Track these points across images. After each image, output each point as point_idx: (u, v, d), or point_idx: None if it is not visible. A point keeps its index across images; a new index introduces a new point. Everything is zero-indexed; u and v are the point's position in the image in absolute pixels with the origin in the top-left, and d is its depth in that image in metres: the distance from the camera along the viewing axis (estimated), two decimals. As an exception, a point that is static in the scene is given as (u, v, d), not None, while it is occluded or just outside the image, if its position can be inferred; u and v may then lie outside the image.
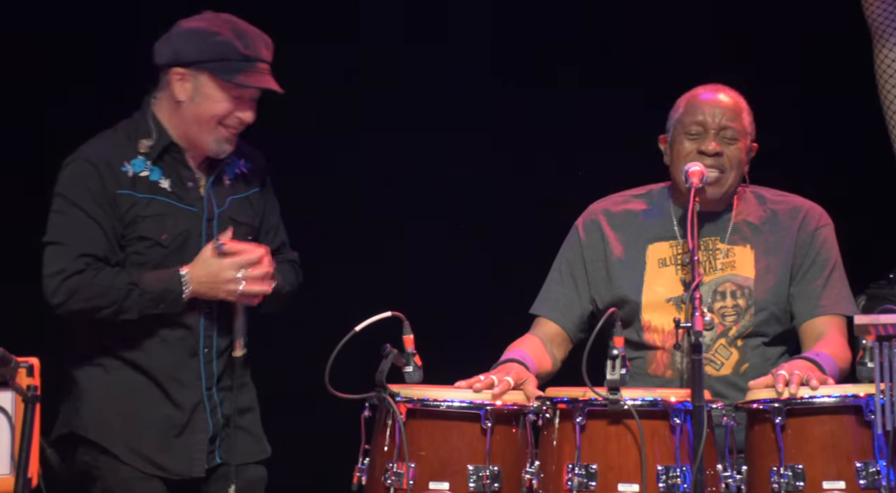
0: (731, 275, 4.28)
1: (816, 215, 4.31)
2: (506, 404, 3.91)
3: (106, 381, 4.05)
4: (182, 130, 4.10)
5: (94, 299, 3.97)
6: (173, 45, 4.09)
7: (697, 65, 5.04)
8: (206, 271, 4.03)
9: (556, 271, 4.36)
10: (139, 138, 4.08)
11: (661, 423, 3.82)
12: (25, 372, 3.71)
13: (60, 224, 4.00)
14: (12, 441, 3.72)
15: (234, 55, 4.06)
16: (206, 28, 4.08)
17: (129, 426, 4.04)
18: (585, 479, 3.81)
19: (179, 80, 4.08)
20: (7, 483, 3.68)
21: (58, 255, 3.98)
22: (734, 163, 4.24)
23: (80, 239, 3.98)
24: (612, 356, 3.81)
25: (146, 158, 4.08)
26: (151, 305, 4.00)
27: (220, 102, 4.07)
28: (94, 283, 3.97)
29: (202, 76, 4.07)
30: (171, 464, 4.05)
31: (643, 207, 4.37)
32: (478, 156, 5.40)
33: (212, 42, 4.06)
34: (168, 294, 4.01)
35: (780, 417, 3.84)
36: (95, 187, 4.02)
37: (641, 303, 4.27)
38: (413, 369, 3.94)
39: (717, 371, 4.24)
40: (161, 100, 4.13)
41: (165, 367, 4.06)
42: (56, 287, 3.96)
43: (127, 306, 3.98)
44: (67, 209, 4.00)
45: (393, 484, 3.86)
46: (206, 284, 4.03)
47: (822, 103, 5.30)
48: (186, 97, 4.08)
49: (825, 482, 3.82)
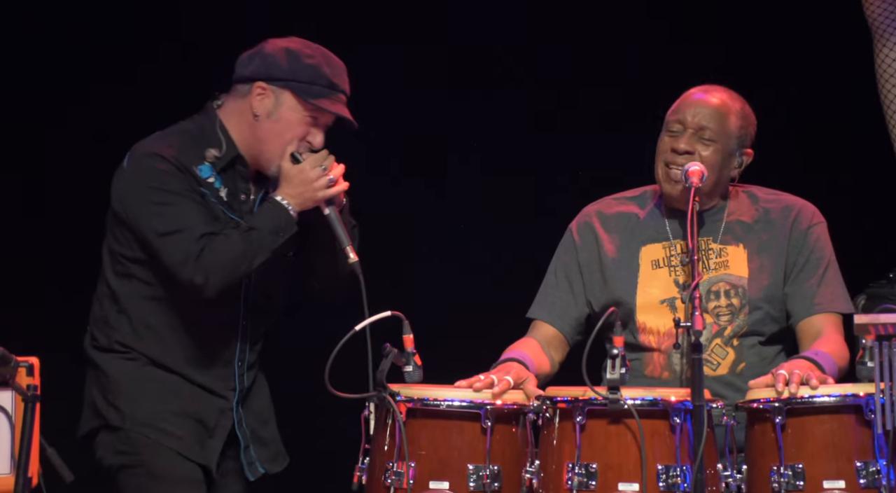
0: (724, 274, 4.28)
1: (809, 214, 4.31)
2: (506, 403, 3.91)
3: (138, 373, 4.08)
4: (250, 144, 4.15)
5: (228, 264, 4.01)
6: (264, 60, 4.13)
7: (697, 66, 5.05)
8: (294, 183, 4.09)
9: (551, 275, 4.36)
10: (207, 147, 4.12)
11: (661, 422, 3.83)
12: (25, 372, 3.72)
13: (173, 213, 4.03)
14: (12, 441, 3.73)
15: (321, 81, 4.13)
16: (299, 50, 4.15)
17: (165, 416, 4.07)
18: (585, 478, 3.81)
19: (261, 95, 4.13)
20: (7, 483, 3.68)
21: (181, 241, 4.01)
22: (706, 163, 4.21)
23: (193, 222, 4.03)
24: (612, 356, 3.81)
25: (213, 167, 4.12)
26: (274, 237, 4.05)
27: (298, 124, 4.13)
28: (219, 250, 4.01)
29: (285, 95, 4.13)
30: (195, 456, 4.08)
31: (636, 209, 4.37)
32: (478, 156, 5.40)
33: (304, 64, 4.12)
34: (280, 219, 4.07)
35: (781, 416, 3.84)
36: (186, 180, 4.07)
37: (636, 305, 4.27)
38: (413, 369, 3.94)
39: (714, 371, 4.24)
40: (230, 110, 4.16)
41: (198, 375, 4.10)
42: (192, 272, 4.00)
43: (256, 250, 4.04)
44: (173, 199, 4.04)
45: (393, 484, 3.86)
46: (300, 194, 4.10)
47: (821, 103, 5.30)
48: (264, 113, 4.13)
49: (825, 481, 3.82)
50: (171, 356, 4.09)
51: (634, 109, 5.20)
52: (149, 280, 4.09)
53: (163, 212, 4.04)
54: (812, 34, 5.28)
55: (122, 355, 4.08)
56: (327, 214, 4.13)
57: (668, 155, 4.24)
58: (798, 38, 5.30)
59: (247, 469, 4.15)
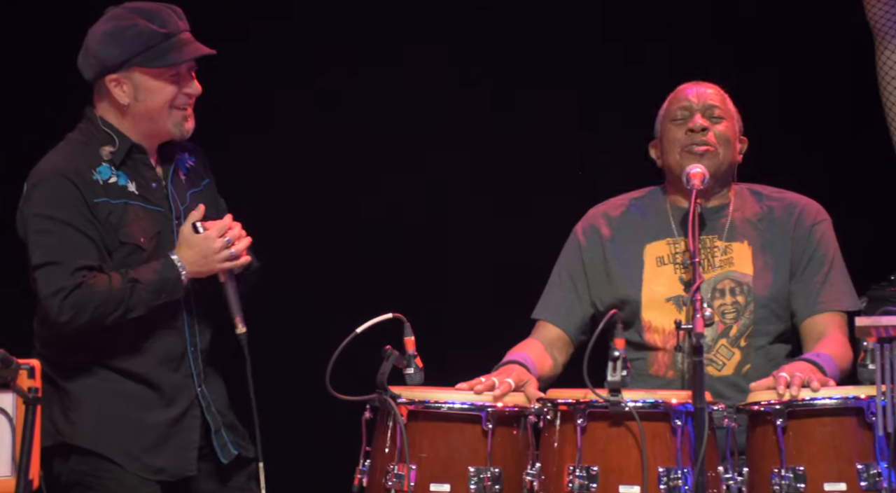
0: (729, 272, 4.28)
1: (813, 211, 4.31)
2: (507, 405, 3.91)
3: (99, 389, 4.03)
4: (139, 129, 4.08)
5: (100, 307, 3.96)
6: (95, 56, 4.06)
7: (697, 65, 5.04)
8: (195, 250, 4.03)
9: (556, 276, 4.37)
10: (99, 146, 4.06)
11: (662, 424, 3.82)
12: (27, 374, 3.71)
13: (49, 244, 3.96)
14: (13, 443, 3.72)
15: (154, 39, 4.03)
16: (117, 27, 4.05)
17: (126, 432, 4.03)
18: (586, 481, 3.81)
19: (116, 85, 4.06)
20: (8, 485, 3.68)
21: (53, 275, 3.95)
22: (722, 140, 4.24)
23: (73, 254, 3.96)
24: (613, 358, 3.81)
25: (110, 164, 4.06)
26: (154, 296, 4.00)
27: (164, 89, 4.05)
28: (95, 292, 3.96)
29: (135, 74, 4.04)
30: (169, 465, 4.04)
31: (640, 207, 4.37)
32: (479, 157, 5.39)
33: (129, 37, 4.03)
34: (167, 282, 4.01)
35: (782, 419, 3.84)
36: (75, 199, 4.00)
37: (641, 302, 4.27)
38: (414, 371, 3.94)
39: (719, 372, 4.24)
40: (104, 108, 4.10)
41: (157, 369, 4.06)
42: (59, 307, 3.94)
43: (132, 304, 3.98)
44: (53, 227, 3.97)
45: (394, 486, 3.86)
46: (199, 261, 4.03)
47: (823, 103, 5.29)
48: (130, 99, 4.06)
49: (826, 483, 3.81)
50: (128, 357, 4.03)
51: (636, 110, 5.20)
52: None
53: (41, 241, 3.96)
54: (813, 35, 5.27)
55: (84, 371, 4.03)
56: (222, 281, 4.08)
57: (683, 139, 4.23)
58: (799, 38, 5.29)
59: (220, 452, 4.09)
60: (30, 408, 3.64)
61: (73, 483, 4.02)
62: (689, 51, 5.24)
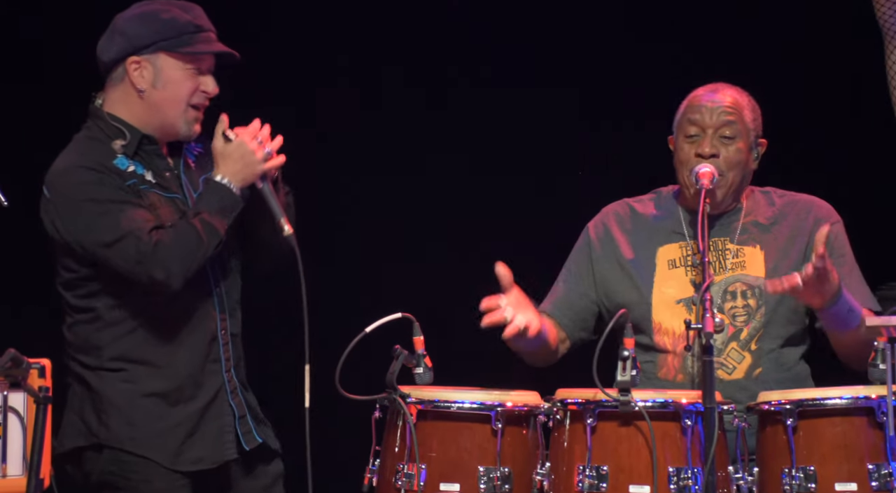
0: (741, 275, 4.27)
1: (826, 214, 4.30)
2: (516, 405, 3.91)
3: (130, 390, 4.02)
4: (150, 119, 4.07)
5: (185, 253, 3.94)
6: (124, 34, 4.04)
7: (710, 63, 5.04)
8: (234, 159, 4.02)
9: (564, 273, 4.38)
10: (110, 141, 4.05)
11: (672, 424, 3.82)
12: (37, 373, 3.72)
13: (109, 222, 3.95)
14: (24, 442, 3.73)
15: (187, 28, 4.03)
16: (152, 10, 4.06)
17: (160, 430, 4.02)
18: (596, 480, 3.80)
19: (137, 69, 4.04)
20: (20, 484, 3.69)
21: (128, 247, 3.94)
22: (732, 163, 4.23)
23: (135, 222, 3.96)
24: (623, 358, 3.80)
25: (125, 156, 4.05)
26: (222, 216, 3.99)
27: (184, 81, 4.05)
28: (172, 244, 3.95)
29: (160, 57, 4.04)
30: (206, 453, 4.03)
31: (652, 209, 4.37)
32: (486, 157, 5.40)
33: (163, 20, 4.03)
34: (224, 200, 4.00)
35: (792, 418, 3.83)
36: (110, 182, 4.00)
37: (652, 304, 4.27)
38: (423, 371, 3.93)
39: (729, 375, 4.23)
40: (113, 100, 4.08)
41: (189, 357, 4.05)
42: (148, 273, 3.93)
43: (209, 232, 3.97)
44: (104, 208, 3.96)
45: (404, 486, 3.86)
46: (241, 170, 4.02)
47: (833, 103, 5.29)
48: (147, 85, 4.05)
49: (837, 483, 3.81)
50: (160, 350, 4.02)
51: (639, 110, 5.21)
52: (115, 288, 4.01)
53: (100, 224, 3.95)
54: (821, 35, 5.27)
55: (116, 373, 4.02)
56: (260, 187, 4.05)
57: (693, 162, 4.23)
58: (808, 39, 5.29)
59: (242, 438, 4.07)
60: (41, 407, 3.65)
61: (103, 483, 4.02)
62: (690, 51, 5.24)
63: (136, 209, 3.98)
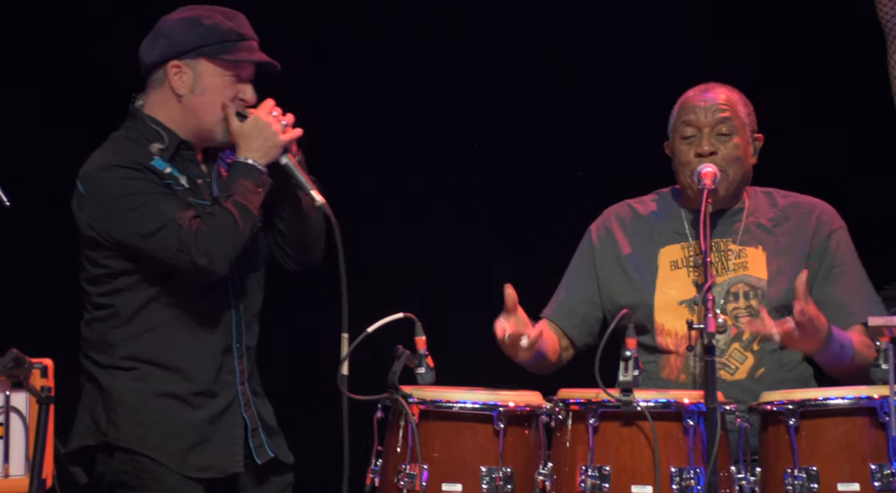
0: (743, 275, 4.27)
1: (830, 217, 4.29)
2: (518, 405, 3.91)
3: (141, 390, 4.03)
4: (187, 125, 4.09)
5: (225, 237, 3.96)
6: (167, 38, 4.06)
7: (707, 63, 5.04)
8: (253, 136, 4.03)
9: (566, 276, 4.38)
10: (148, 143, 4.06)
11: (674, 424, 3.82)
12: (39, 373, 3.73)
13: (148, 213, 3.97)
14: (27, 442, 3.73)
15: (230, 36, 4.05)
16: (196, 15, 4.08)
17: (169, 432, 4.02)
18: (598, 481, 3.80)
19: (177, 73, 4.06)
20: (22, 484, 3.69)
21: (168, 236, 3.96)
22: (731, 160, 4.23)
23: (173, 212, 3.98)
24: (625, 358, 3.80)
25: (162, 159, 4.07)
26: (254, 196, 4.00)
27: (224, 87, 4.07)
28: (210, 230, 3.96)
29: (201, 63, 4.06)
30: (214, 462, 4.04)
31: (654, 210, 4.37)
32: (495, 157, 5.40)
33: (207, 26, 4.05)
34: (253, 178, 4.01)
35: (794, 418, 3.83)
36: (147, 179, 4.02)
37: (654, 305, 4.27)
38: (425, 371, 3.93)
39: (732, 376, 4.23)
40: (153, 102, 4.10)
41: (202, 365, 4.06)
42: (191, 260, 3.95)
43: (242, 215, 3.98)
44: (143, 200, 3.98)
45: (406, 486, 3.86)
46: (262, 145, 4.03)
47: (836, 104, 5.28)
48: (186, 90, 4.06)
49: (840, 483, 3.81)
50: (172, 353, 4.04)
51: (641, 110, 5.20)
52: (138, 288, 4.03)
53: (140, 215, 3.97)
54: (826, 35, 5.26)
55: (127, 372, 4.03)
56: (285, 163, 4.06)
57: (694, 163, 4.23)
58: (812, 38, 5.28)
59: (255, 452, 4.09)
60: (43, 407, 3.65)
61: (116, 483, 4.03)
62: (692, 51, 5.24)
63: (175, 199, 4.01)
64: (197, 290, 4.03)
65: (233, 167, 4.05)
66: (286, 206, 4.13)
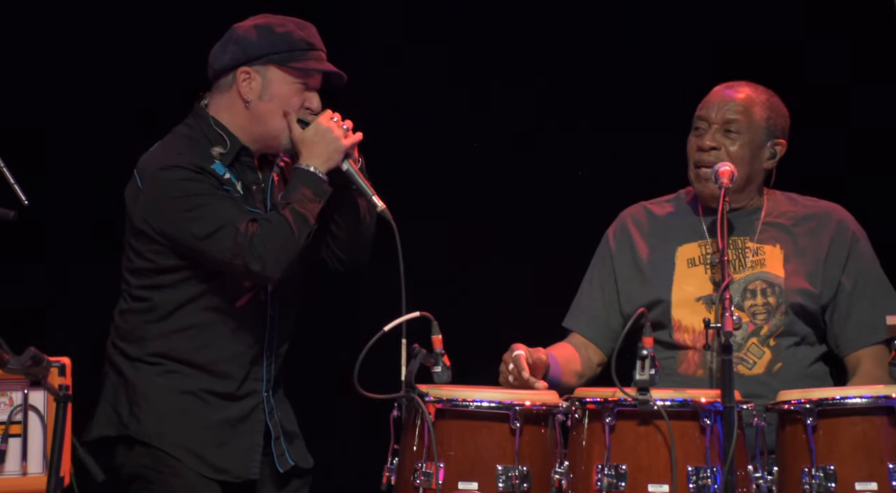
0: (761, 272, 4.27)
1: (851, 225, 4.28)
2: (535, 404, 3.91)
3: (166, 386, 4.05)
4: (252, 130, 4.12)
5: (280, 244, 3.98)
6: (238, 44, 4.10)
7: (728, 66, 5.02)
8: (314, 143, 4.06)
9: (587, 283, 4.38)
10: (209, 145, 4.09)
11: (691, 423, 3.82)
12: (57, 372, 3.74)
13: (207, 215, 4.00)
14: (45, 440, 3.75)
15: (300, 44, 4.09)
16: (268, 23, 4.12)
17: (190, 431, 4.04)
18: (615, 479, 3.80)
19: (246, 79, 4.09)
20: (40, 482, 3.71)
21: (225, 238, 3.98)
22: (733, 158, 4.22)
23: (231, 215, 4.00)
24: (642, 357, 3.80)
25: (223, 164, 4.10)
26: (312, 205, 4.03)
27: (291, 94, 4.09)
28: (266, 235, 3.99)
29: (270, 70, 4.09)
30: (232, 466, 4.06)
31: (671, 210, 4.37)
32: (507, 158, 5.40)
33: (278, 34, 4.09)
34: (313, 186, 4.04)
35: (812, 418, 3.82)
36: (208, 182, 4.04)
37: (671, 302, 4.26)
38: (442, 369, 3.94)
39: (750, 370, 4.23)
40: (219, 106, 4.12)
41: (229, 368, 4.08)
42: (245, 264, 3.97)
43: (299, 224, 4.01)
44: (202, 201, 4.01)
45: (422, 484, 3.86)
46: (324, 151, 4.06)
47: (848, 104, 5.26)
48: (254, 96, 4.09)
49: (857, 483, 3.80)
50: (202, 353, 4.06)
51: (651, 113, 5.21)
52: (179, 287, 4.06)
53: (197, 216, 4.00)
54: (831, 35, 5.25)
55: (154, 367, 4.05)
56: (346, 169, 4.09)
57: (696, 155, 4.25)
58: (822, 40, 5.27)
59: (277, 460, 4.11)
60: (61, 406, 3.66)
61: (135, 476, 4.05)
62: (693, 52, 5.23)
63: (233, 203, 4.04)
64: (235, 294, 4.06)
65: (295, 174, 4.07)
66: (343, 210, 4.16)
